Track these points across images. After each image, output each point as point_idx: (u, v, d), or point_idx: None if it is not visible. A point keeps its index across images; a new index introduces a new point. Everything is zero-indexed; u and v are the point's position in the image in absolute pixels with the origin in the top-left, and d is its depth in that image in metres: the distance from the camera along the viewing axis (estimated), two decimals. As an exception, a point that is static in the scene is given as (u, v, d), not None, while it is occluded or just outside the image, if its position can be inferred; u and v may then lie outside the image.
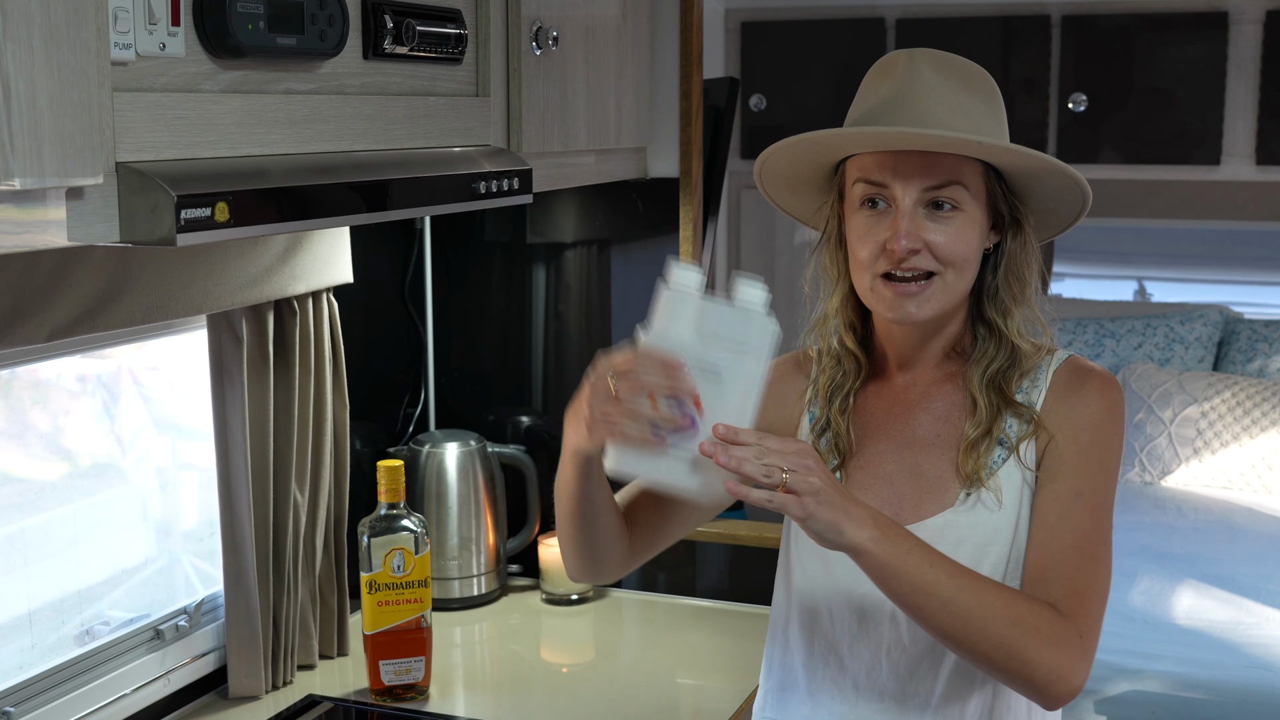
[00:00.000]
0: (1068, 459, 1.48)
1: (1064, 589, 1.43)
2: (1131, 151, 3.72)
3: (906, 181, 1.45)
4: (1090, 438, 1.48)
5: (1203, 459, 3.95)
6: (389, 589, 1.96)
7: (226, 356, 1.91)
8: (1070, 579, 1.44)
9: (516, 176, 1.71)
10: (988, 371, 1.51)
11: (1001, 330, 1.51)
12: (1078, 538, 1.45)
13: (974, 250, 1.48)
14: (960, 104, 1.47)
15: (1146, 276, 4.98)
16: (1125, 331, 4.31)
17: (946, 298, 1.47)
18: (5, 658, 1.76)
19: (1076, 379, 1.51)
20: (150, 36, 1.22)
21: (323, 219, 1.41)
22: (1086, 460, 1.47)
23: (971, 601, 1.35)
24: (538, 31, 1.86)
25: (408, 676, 1.98)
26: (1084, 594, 1.43)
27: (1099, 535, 1.46)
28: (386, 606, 1.96)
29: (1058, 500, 1.46)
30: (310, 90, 1.43)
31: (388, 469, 1.96)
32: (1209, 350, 4.26)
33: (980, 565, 1.46)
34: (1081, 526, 1.45)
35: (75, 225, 1.16)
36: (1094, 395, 1.49)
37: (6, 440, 1.81)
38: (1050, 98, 3.66)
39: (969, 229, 1.47)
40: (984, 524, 1.48)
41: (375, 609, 1.96)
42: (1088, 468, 1.47)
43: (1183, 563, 3.40)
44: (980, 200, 1.48)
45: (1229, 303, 4.53)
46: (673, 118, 2.34)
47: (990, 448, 1.49)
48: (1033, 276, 1.53)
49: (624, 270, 2.48)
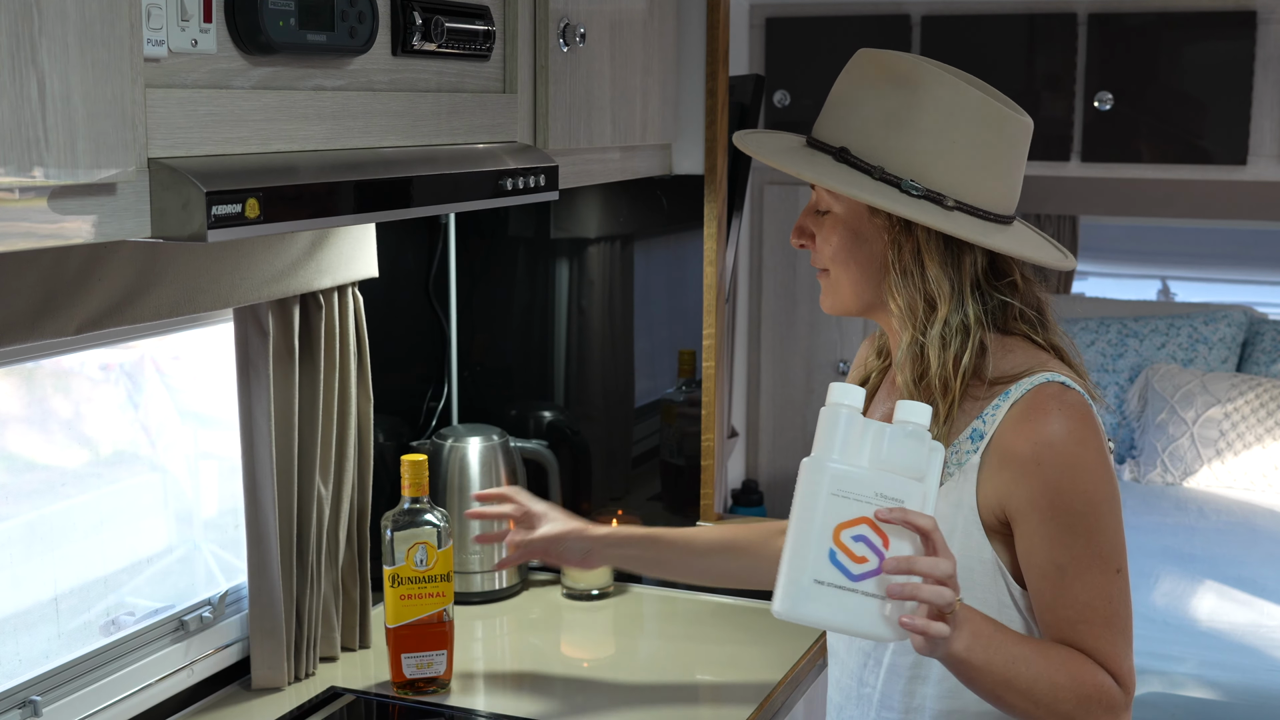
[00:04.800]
0: (1036, 529, 1.41)
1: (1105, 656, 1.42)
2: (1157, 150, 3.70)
3: None
4: (1050, 501, 1.39)
5: (1225, 460, 3.93)
6: (412, 583, 1.97)
7: (252, 350, 1.92)
8: (1096, 651, 1.42)
9: (543, 173, 1.71)
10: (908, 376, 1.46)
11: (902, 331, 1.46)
12: (1082, 612, 1.41)
13: (845, 251, 1.49)
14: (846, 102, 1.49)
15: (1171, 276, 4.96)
16: (1149, 331, 4.29)
17: (837, 296, 1.53)
18: (32, 645, 1.78)
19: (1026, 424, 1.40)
20: (182, 33, 1.23)
21: (351, 215, 1.42)
22: (1056, 529, 1.40)
23: (1043, 688, 1.37)
24: (565, 28, 1.87)
25: (429, 670, 1.99)
26: (1118, 658, 1.42)
27: (1103, 599, 1.41)
28: (409, 600, 1.97)
29: (1046, 579, 1.42)
30: (339, 87, 1.44)
31: (411, 463, 1.97)
32: (1233, 351, 4.24)
33: None
34: (1081, 599, 1.41)
35: (107, 220, 1.17)
36: (1047, 451, 1.39)
37: (28, 427, 1.82)
38: (1076, 96, 3.64)
39: (835, 230, 1.49)
40: None
41: (398, 603, 1.97)
42: (1061, 537, 1.40)
43: (1204, 564, 3.38)
44: (858, 205, 1.46)
45: (1254, 303, 4.50)
46: (698, 114, 2.34)
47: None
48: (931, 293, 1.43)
49: (647, 266, 2.48)
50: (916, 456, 1.31)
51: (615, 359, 2.51)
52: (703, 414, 2.42)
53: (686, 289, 2.42)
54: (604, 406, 2.52)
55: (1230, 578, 3.30)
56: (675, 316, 2.47)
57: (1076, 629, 1.42)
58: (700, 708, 2.06)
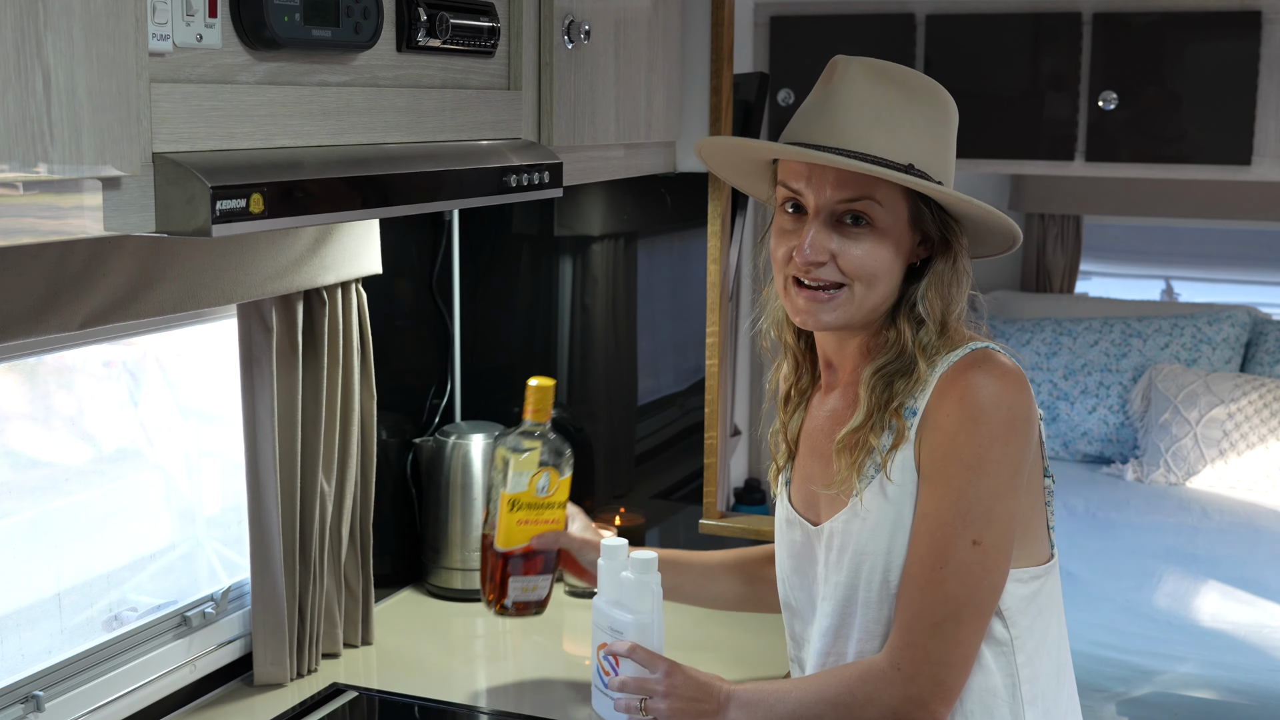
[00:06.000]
0: (924, 478, 1.43)
1: (899, 622, 1.44)
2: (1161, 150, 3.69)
3: (819, 193, 1.46)
4: (943, 451, 1.41)
5: (1228, 461, 3.93)
6: (530, 508, 1.90)
7: (256, 346, 1.92)
8: (904, 611, 1.44)
9: (547, 170, 1.71)
10: (880, 371, 1.48)
11: (906, 340, 1.47)
12: (914, 567, 1.43)
13: (885, 266, 1.46)
14: (888, 117, 1.44)
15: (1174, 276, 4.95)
16: (1152, 331, 4.29)
17: (854, 309, 1.48)
18: (34, 641, 1.78)
19: (945, 382, 1.44)
20: (187, 28, 1.23)
21: (355, 211, 1.42)
22: (936, 477, 1.41)
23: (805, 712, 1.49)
24: (569, 25, 1.87)
25: (533, 594, 1.94)
26: (909, 628, 1.43)
27: (937, 560, 1.41)
28: (525, 525, 1.90)
29: (914, 524, 1.44)
30: (344, 82, 1.44)
31: (538, 388, 1.93)
32: (1236, 351, 4.24)
33: (859, 572, 1.49)
34: (918, 554, 1.42)
35: (111, 215, 1.17)
36: (953, 403, 1.42)
37: (31, 424, 1.82)
38: (1080, 95, 3.64)
39: (880, 245, 1.46)
40: (855, 531, 1.49)
41: (513, 527, 1.90)
42: (936, 485, 1.41)
43: (1207, 565, 3.38)
44: (900, 217, 1.46)
45: (1257, 304, 4.50)
46: (702, 112, 2.34)
47: (864, 456, 1.47)
48: (959, 297, 1.49)
49: (650, 264, 2.48)
50: (633, 595, 1.74)
51: (618, 357, 2.51)
52: (705, 412, 2.42)
53: (690, 287, 2.42)
54: (607, 404, 2.52)
55: (1233, 578, 3.29)
56: (678, 314, 2.47)
57: (904, 587, 1.44)
58: (702, 706, 2.05)
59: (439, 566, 2.37)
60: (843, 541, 1.51)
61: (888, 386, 1.47)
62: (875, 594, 1.49)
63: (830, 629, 1.55)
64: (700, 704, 1.55)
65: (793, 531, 1.62)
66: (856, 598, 1.51)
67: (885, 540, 1.47)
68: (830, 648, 1.56)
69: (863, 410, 1.48)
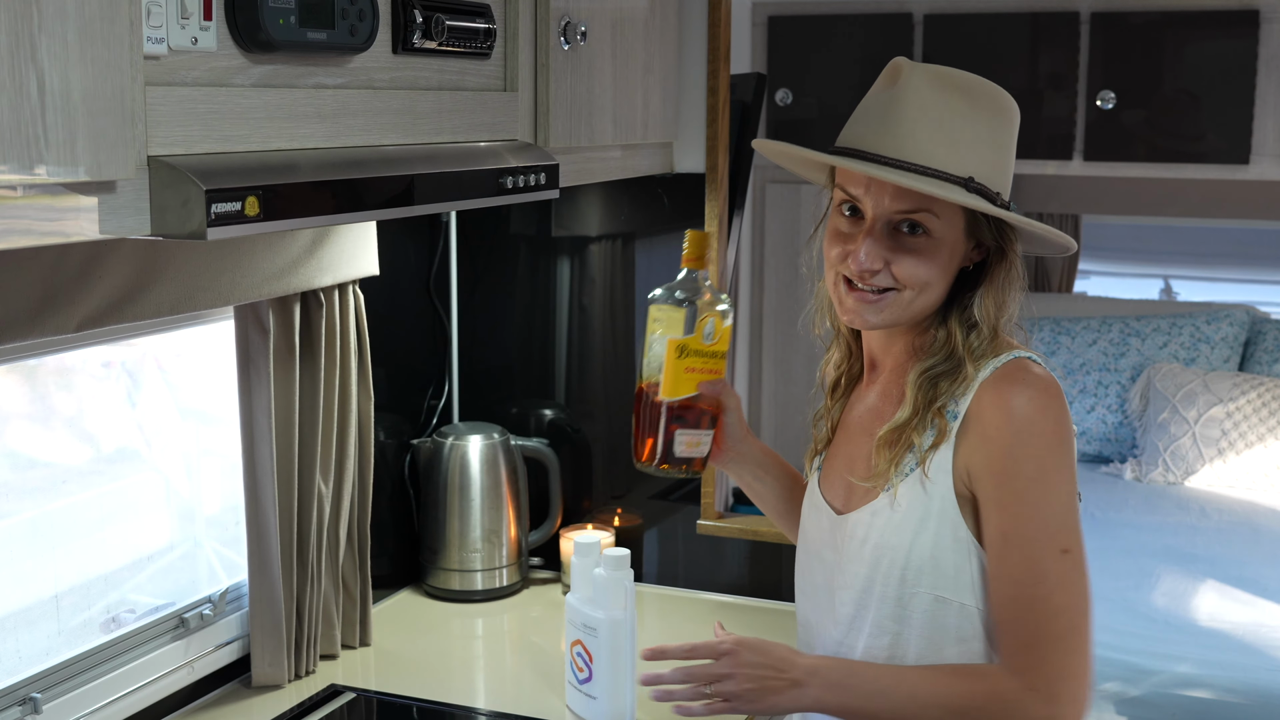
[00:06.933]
0: (989, 494, 1.44)
1: (1011, 644, 1.44)
2: (1159, 150, 3.70)
3: (878, 202, 1.46)
4: (1004, 466, 1.43)
5: (1227, 460, 3.93)
6: (697, 355, 1.69)
7: (253, 348, 1.92)
8: (1013, 634, 1.43)
9: (543, 171, 1.71)
10: (928, 371, 1.49)
11: (956, 343, 1.49)
12: (1012, 589, 1.43)
13: (938, 274, 1.47)
14: (951, 127, 1.44)
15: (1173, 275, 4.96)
16: (1151, 330, 4.29)
17: (904, 312, 1.49)
18: (32, 643, 1.78)
19: (990, 392, 1.45)
20: (182, 31, 1.23)
21: (351, 213, 1.42)
22: (1005, 494, 1.43)
23: (911, 711, 1.45)
24: (566, 26, 1.87)
25: (698, 450, 1.73)
26: (1027, 649, 1.42)
27: (1035, 577, 1.42)
28: (692, 374, 1.70)
29: (991, 545, 1.44)
30: (340, 85, 1.44)
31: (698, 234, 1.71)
32: (1235, 350, 4.24)
33: (878, 565, 1.50)
34: (1013, 574, 1.43)
35: (107, 218, 1.17)
36: (1006, 415, 1.43)
37: (31, 424, 1.82)
38: (1078, 95, 3.64)
39: (936, 254, 1.47)
40: (880, 525, 1.50)
41: (681, 375, 1.69)
42: (1009, 503, 1.43)
43: (1205, 564, 3.38)
44: (956, 226, 1.47)
45: (1256, 303, 4.50)
46: (699, 113, 2.34)
47: (904, 453, 1.48)
48: (1012, 302, 1.51)
49: (648, 264, 2.48)
50: (606, 592, 1.81)
51: (616, 357, 2.51)
52: (704, 412, 2.42)
53: (688, 287, 2.42)
54: (605, 405, 2.52)
55: (1231, 578, 3.29)
56: (676, 315, 2.46)
57: (1005, 609, 1.43)
58: (700, 706, 2.06)
59: (437, 567, 2.37)
60: (866, 533, 1.51)
61: (933, 386, 1.49)
62: (893, 589, 1.49)
63: (845, 619, 1.55)
64: (774, 678, 1.49)
65: (818, 517, 1.62)
66: (874, 590, 1.51)
67: (910, 536, 1.48)
68: (844, 638, 1.56)
69: (908, 408, 1.49)
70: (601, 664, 1.84)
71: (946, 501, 1.46)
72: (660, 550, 2.56)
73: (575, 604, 1.86)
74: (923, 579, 1.48)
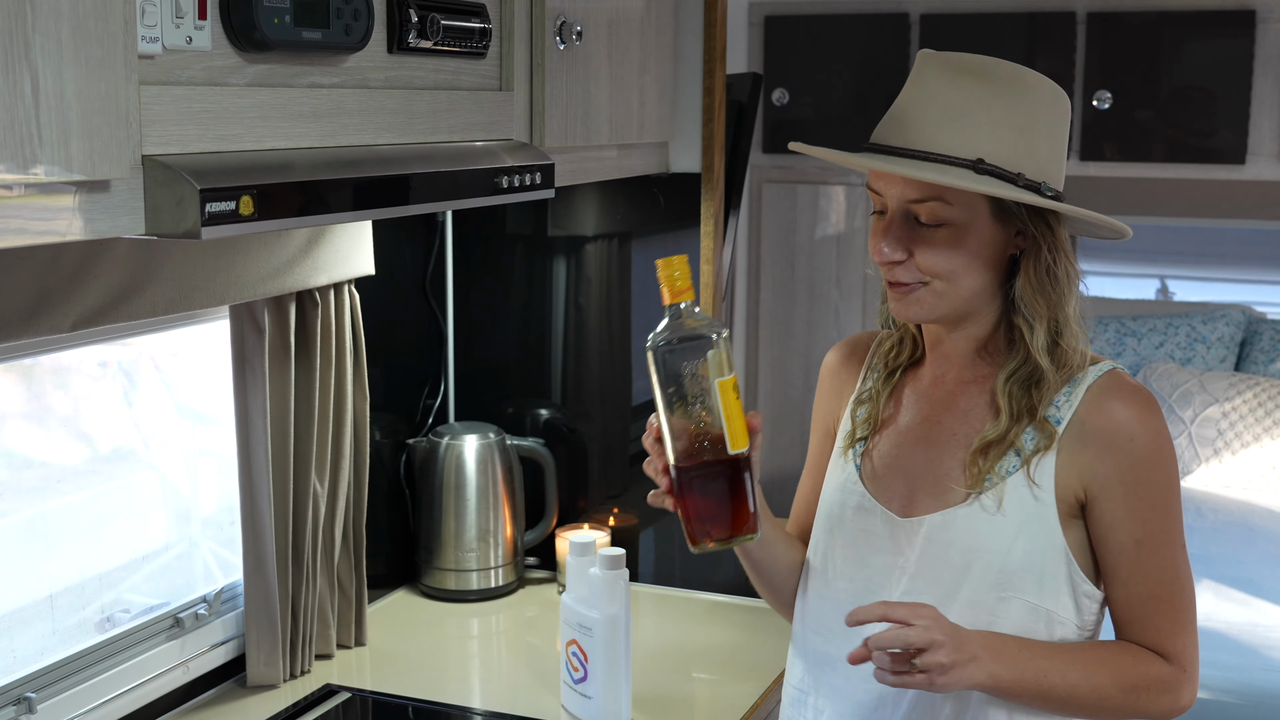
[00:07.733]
0: (1119, 504, 1.45)
1: (1154, 637, 1.49)
2: (1156, 150, 3.70)
3: (890, 193, 1.46)
4: (1136, 476, 1.45)
5: (1223, 460, 3.93)
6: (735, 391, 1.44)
7: (248, 347, 1.92)
8: (1157, 628, 1.48)
9: (539, 171, 1.71)
10: (1014, 376, 1.48)
11: (1026, 343, 1.47)
12: (1153, 587, 1.47)
13: (962, 263, 1.44)
14: (959, 111, 1.42)
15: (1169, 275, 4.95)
16: (1147, 330, 4.29)
17: (941, 304, 1.47)
18: (27, 642, 1.78)
19: (1111, 402, 1.45)
20: (177, 30, 1.23)
21: (346, 213, 1.42)
22: (1139, 503, 1.45)
23: (1085, 690, 1.44)
24: (561, 26, 1.87)
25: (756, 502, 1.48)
26: (1175, 636, 1.49)
27: (1172, 574, 1.48)
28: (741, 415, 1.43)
29: (1123, 553, 1.46)
30: (335, 84, 1.44)
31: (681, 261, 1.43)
32: (1231, 350, 4.24)
33: (969, 569, 1.46)
34: (1153, 575, 1.47)
35: (101, 217, 1.17)
36: (1135, 426, 1.45)
37: (27, 424, 1.82)
38: (1074, 94, 3.64)
39: (959, 242, 1.43)
40: (978, 528, 1.46)
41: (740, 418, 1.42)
42: (1142, 511, 1.45)
43: (1201, 564, 3.36)
44: (979, 211, 1.43)
45: (1252, 303, 4.50)
46: (695, 112, 2.33)
47: (1002, 454, 1.47)
48: (1063, 293, 1.46)
49: (644, 264, 2.48)
50: (602, 591, 1.83)
51: (612, 357, 2.51)
52: (700, 412, 2.42)
53: (684, 287, 2.42)
54: (601, 405, 2.52)
55: (1227, 577, 3.30)
56: (672, 315, 2.46)
57: (1145, 605, 1.48)
58: (696, 706, 2.06)
59: (433, 567, 2.37)
60: (950, 536, 1.47)
61: (1025, 393, 1.47)
62: (983, 594, 1.46)
63: None
64: (962, 651, 1.38)
65: (866, 519, 1.54)
66: (958, 595, 1.47)
67: (1009, 540, 1.45)
68: None
69: (1005, 418, 1.47)
70: (597, 663, 1.84)
71: (1048, 507, 1.45)
72: (656, 550, 2.56)
73: (571, 604, 1.87)
74: (1015, 584, 1.45)
